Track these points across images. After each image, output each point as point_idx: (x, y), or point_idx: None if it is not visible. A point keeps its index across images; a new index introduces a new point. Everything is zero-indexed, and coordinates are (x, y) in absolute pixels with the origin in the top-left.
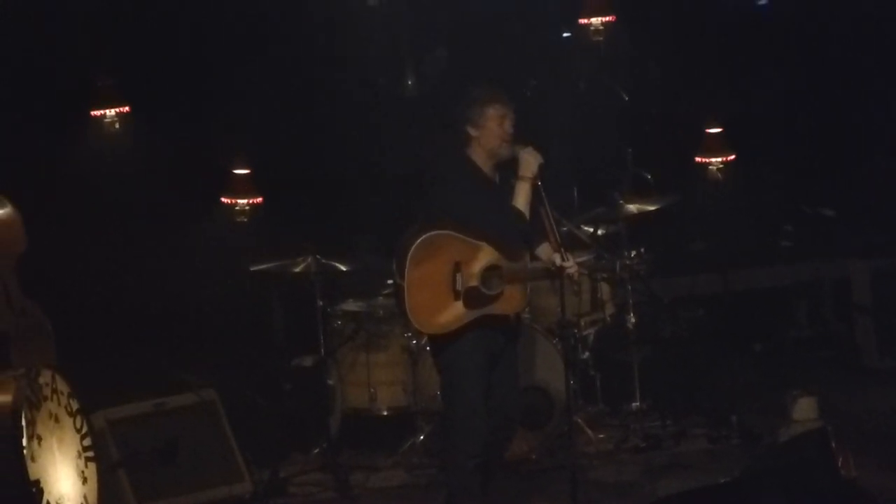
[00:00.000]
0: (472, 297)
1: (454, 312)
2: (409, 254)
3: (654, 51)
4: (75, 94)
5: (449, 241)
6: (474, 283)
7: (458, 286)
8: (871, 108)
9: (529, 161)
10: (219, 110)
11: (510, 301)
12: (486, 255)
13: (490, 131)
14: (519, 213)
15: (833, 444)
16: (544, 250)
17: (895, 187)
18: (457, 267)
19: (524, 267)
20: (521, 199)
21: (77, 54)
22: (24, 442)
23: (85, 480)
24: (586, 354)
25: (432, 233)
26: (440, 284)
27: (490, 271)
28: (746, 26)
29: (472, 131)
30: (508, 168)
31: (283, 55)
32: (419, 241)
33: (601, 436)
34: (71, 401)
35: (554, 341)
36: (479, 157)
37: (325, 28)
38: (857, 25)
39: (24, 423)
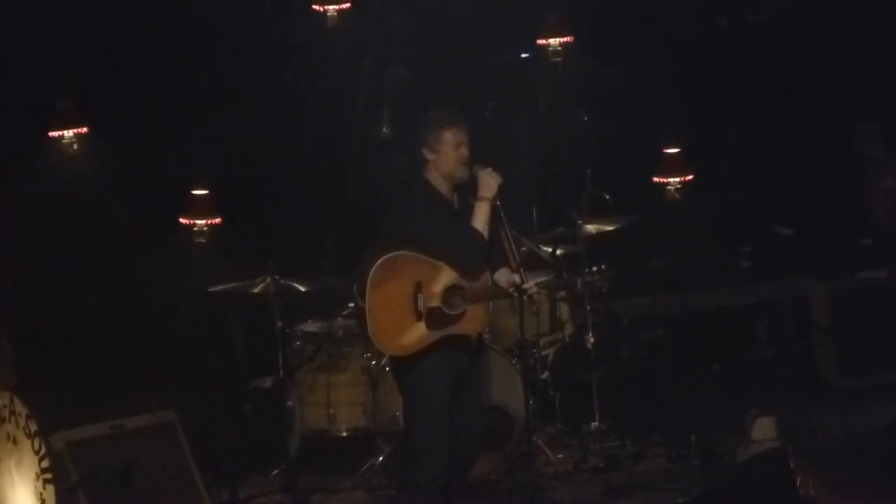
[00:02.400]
0: (434, 318)
1: (417, 333)
2: (370, 276)
3: (613, 70)
4: (34, 116)
5: (409, 262)
6: (436, 303)
7: (420, 307)
8: (830, 130)
9: (489, 182)
10: (177, 131)
11: (473, 321)
12: (446, 275)
13: (446, 156)
14: (478, 234)
15: (792, 464)
16: (503, 274)
17: (853, 208)
18: (418, 287)
19: (486, 286)
20: (480, 219)
21: (36, 76)
22: None
23: (43, 502)
24: (546, 374)
25: (392, 254)
26: (402, 306)
27: (451, 291)
28: (706, 47)
29: (429, 155)
30: (466, 189)
31: (240, 75)
32: (379, 262)
33: (560, 456)
34: (29, 423)
35: (513, 361)
36: (436, 179)
37: (286, 50)
38: (817, 49)
39: None
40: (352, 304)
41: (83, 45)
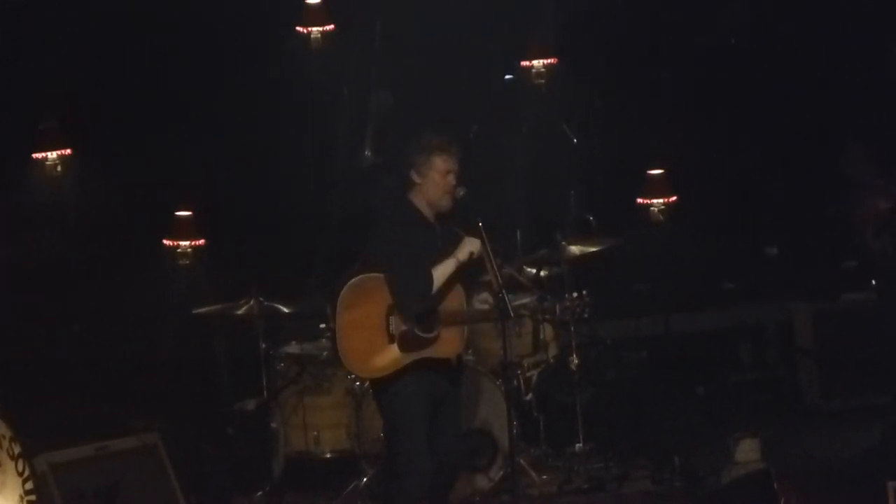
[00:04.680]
0: (407, 341)
1: (390, 356)
2: (339, 297)
3: (597, 91)
4: (17, 137)
5: (381, 284)
6: (409, 325)
7: (392, 329)
8: (815, 151)
9: (466, 247)
10: (161, 152)
11: (447, 344)
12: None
13: (433, 182)
14: (429, 280)
15: (776, 486)
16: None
17: (837, 231)
18: (390, 310)
19: (461, 309)
20: (441, 272)
21: (19, 97)
22: None
23: None
24: (529, 396)
25: (362, 276)
26: (374, 328)
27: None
28: (690, 68)
29: (416, 178)
30: (450, 214)
31: (225, 97)
32: (349, 284)
33: (544, 477)
34: (13, 444)
35: (497, 383)
36: (420, 202)
37: (270, 72)
38: (803, 69)
39: None
40: (322, 325)
41: (67, 67)
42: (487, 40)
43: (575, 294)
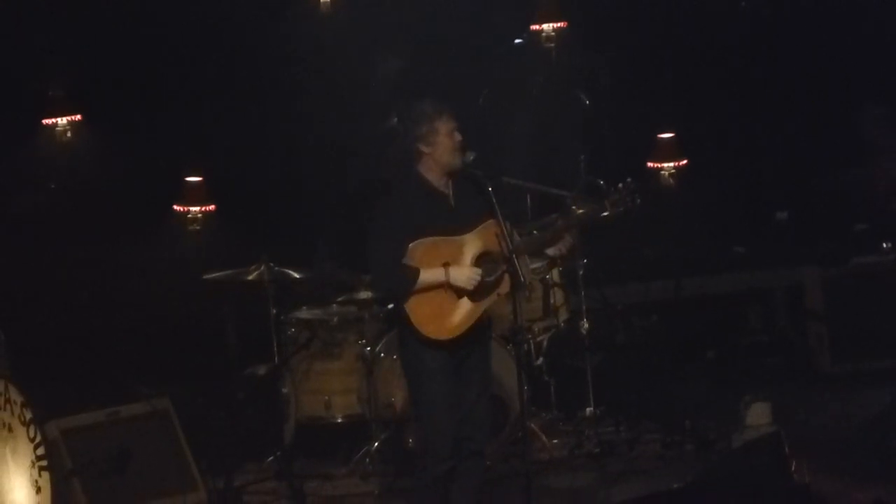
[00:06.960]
0: (476, 290)
1: (464, 310)
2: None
3: (607, 55)
4: (28, 103)
5: (428, 248)
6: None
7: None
8: (826, 114)
9: (463, 279)
10: (171, 118)
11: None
12: (471, 246)
13: (443, 146)
14: (413, 273)
15: (786, 450)
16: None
17: (848, 195)
18: (446, 266)
19: (517, 243)
20: (429, 276)
21: (30, 63)
22: None
23: (39, 490)
24: (540, 360)
25: (411, 245)
26: (439, 290)
27: (483, 258)
28: (700, 31)
29: (425, 148)
30: (462, 176)
31: (235, 62)
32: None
33: (555, 442)
34: (24, 410)
35: (508, 348)
36: (432, 171)
37: (281, 37)
38: (814, 35)
39: None
40: (391, 306)
41: (77, 32)
42: (497, 4)
43: (620, 185)
